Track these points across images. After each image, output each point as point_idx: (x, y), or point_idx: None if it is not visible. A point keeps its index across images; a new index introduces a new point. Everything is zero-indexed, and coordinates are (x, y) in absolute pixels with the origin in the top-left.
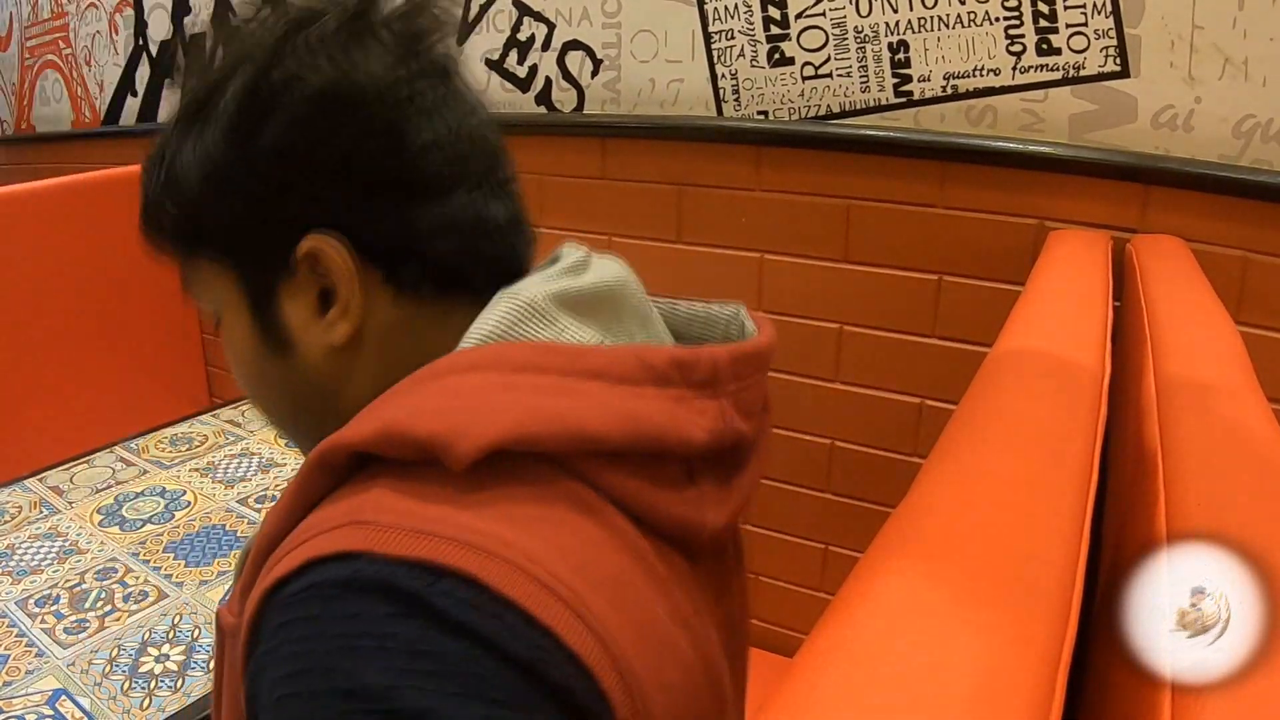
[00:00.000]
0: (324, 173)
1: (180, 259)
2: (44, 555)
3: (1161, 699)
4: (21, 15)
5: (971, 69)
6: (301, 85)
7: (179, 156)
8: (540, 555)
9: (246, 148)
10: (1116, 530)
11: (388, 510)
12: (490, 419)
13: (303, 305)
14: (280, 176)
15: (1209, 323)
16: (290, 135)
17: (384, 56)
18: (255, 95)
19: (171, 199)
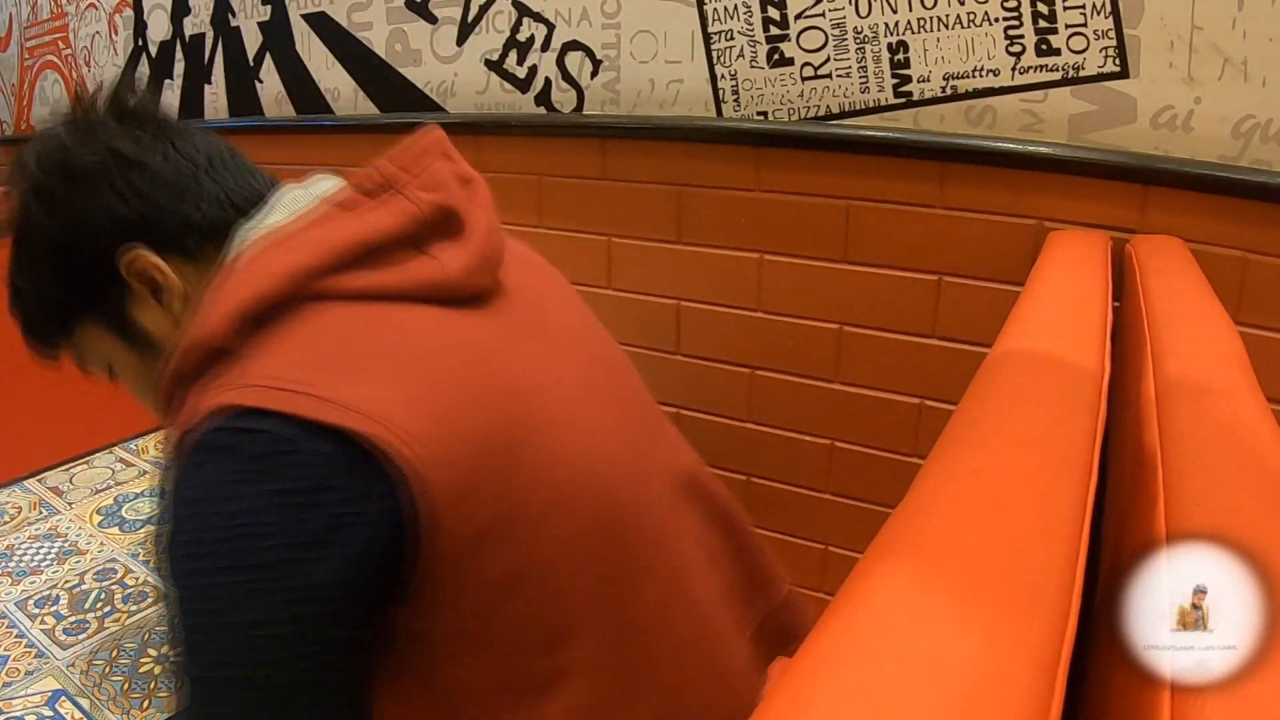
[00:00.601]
0: (105, 224)
1: (70, 347)
2: (44, 556)
3: (1161, 699)
4: (21, 16)
5: (971, 69)
6: (76, 157)
7: (19, 283)
8: (279, 371)
9: (43, 246)
10: (1116, 530)
11: (188, 404)
12: (224, 305)
13: (149, 306)
14: (76, 242)
15: (1208, 323)
16: (67, 216)
17: (111, 134)
18: (60, 176)
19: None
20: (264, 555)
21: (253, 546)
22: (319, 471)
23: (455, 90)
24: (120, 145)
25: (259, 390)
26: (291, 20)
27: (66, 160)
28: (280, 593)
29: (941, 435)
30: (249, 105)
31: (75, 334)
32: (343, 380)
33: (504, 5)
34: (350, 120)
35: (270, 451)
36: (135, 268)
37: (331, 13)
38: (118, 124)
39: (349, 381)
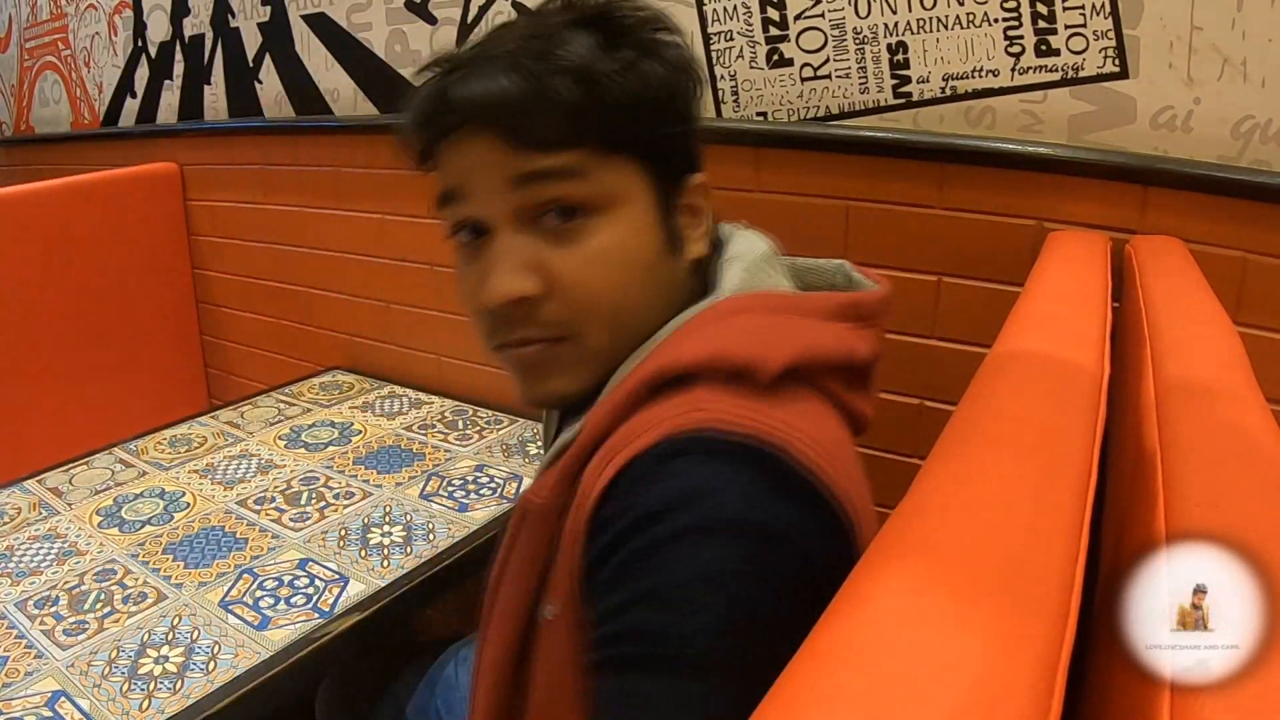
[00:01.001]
0: (699, 134)
1: (590, 147)
2: (43, 557)
3: (1161, 699)
4: (21, 16)
5: (970, 70)
6: (696, 72)
7: (645, 67)
8: (814, 436)
9: (685, 89)
10: (1116, 530)
11: (717, 404)
12: (781, 347)
13: (686, 216)
14: (696, 124)
15: (1208, 323)
16: (695, 100)
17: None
18: (691, 70)
19: (635, 93)
20: (767, 523)
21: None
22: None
23: None
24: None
25: (787, 435)
26: (291, 21)
27: (695, 65)
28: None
29: (941, 435)
30: (249, 106)
31: (621, 162)
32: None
33: (503, 6)
34: (350, 121)
35: (778, 468)
36: (698, 193)
37: (331, 13)
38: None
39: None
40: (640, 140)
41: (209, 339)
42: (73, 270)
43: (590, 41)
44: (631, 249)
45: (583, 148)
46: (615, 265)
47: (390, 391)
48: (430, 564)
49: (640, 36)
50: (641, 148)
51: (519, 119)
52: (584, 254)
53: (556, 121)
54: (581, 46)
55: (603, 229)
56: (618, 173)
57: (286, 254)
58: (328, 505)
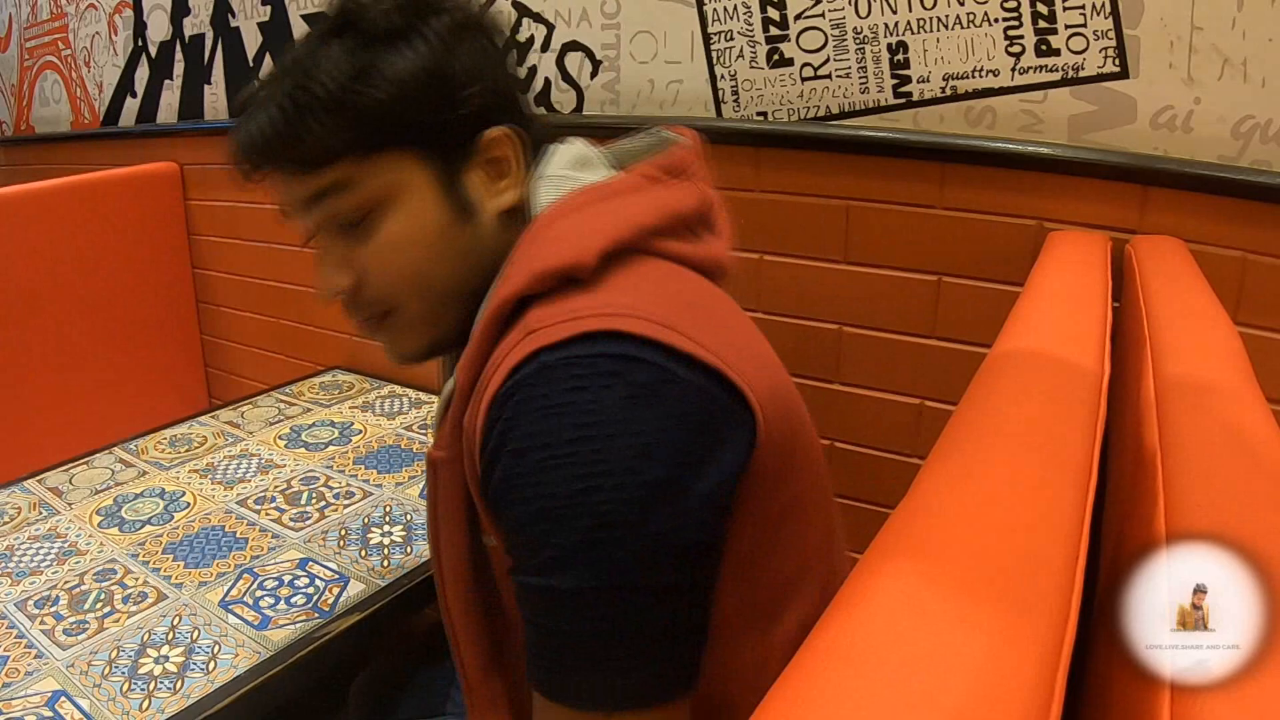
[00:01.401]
0: (499, 82)
1: (350, 158)
2: (43, 556)
3: (1161, 699)
4: (21, 16)
5: (971, 70)
6: (484, 23)
7: (386, 65)
8: (648, 308)
9: (453, 65)
10: (1116, 530)
11: (546, 319)
12: (592, 236)
13: (480, 178)
14: (480, 84)
15: (1208, 323)
16: (482, 57)
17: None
18: (461, 29)
19: (376, 98)
20: (658, 472)
21: (649, 464)
22: (697, 401)
23: None
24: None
25: (636, 320)
26: (291, 21)
27: (481, 18)
28: (668, 505)
29: (941, 435)
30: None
31: (382, 158)
32: (698, 326)
33: (503, 5)
34: None
35: (655, 380)
36: (495, 146)
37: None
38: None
39: (702, 328)
40: (398, 134)
41: (209, 339)
42: (73, 270)
43: (338, 54)
44: (416, 230)
45: (342, 160)
46: (404, 247)
47: (390, 391)
48: (430, 564)
49: (389, 27)
50: (402, 140)
51: (280, 154)
52: (376, 245)
53: (310, 147)
54: (328, 64)
55: (387, 220)
56: (385, 170)
57: (286, 254)
58: (328, 505)
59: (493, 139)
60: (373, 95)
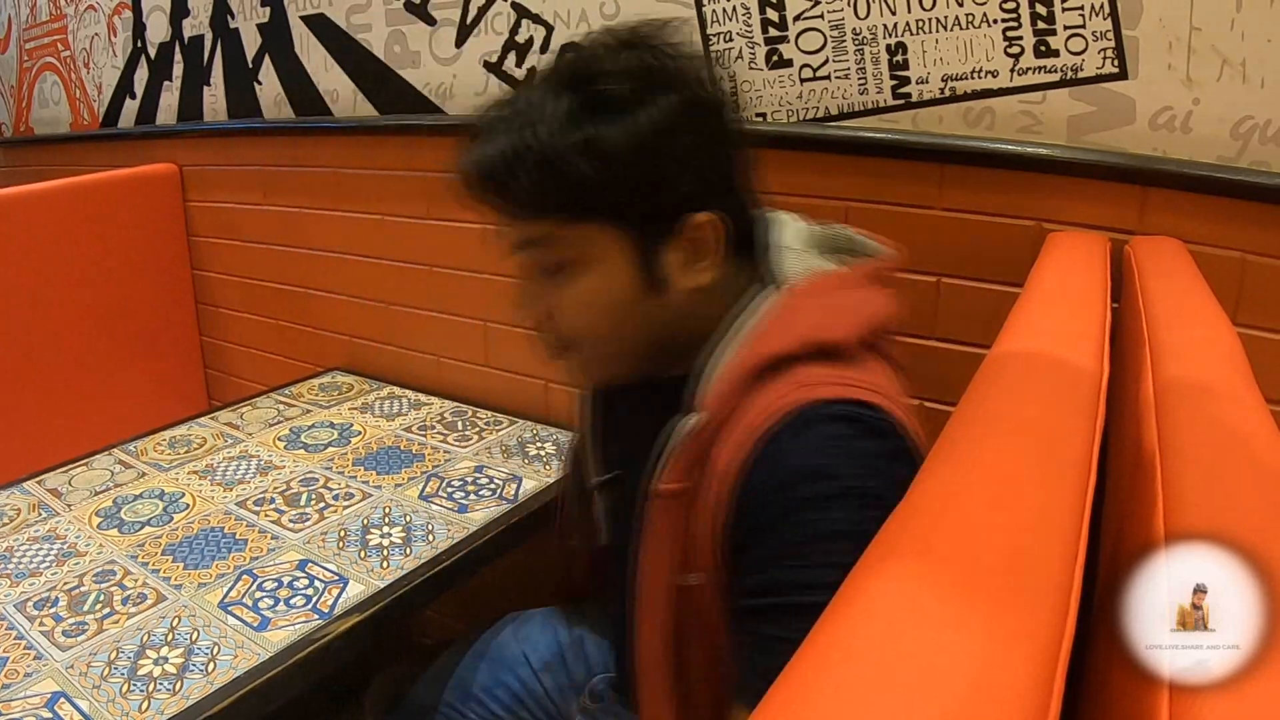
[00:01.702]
0: (715, 168)
1: (567, 222)
2: (42, 558)
3: (1160, 699)
4: (20, 17)
5: (969, 71)
6: (714, 105)
7: (604, 138)
8: (891, 391)
9: (670, 147)
10: (1115, 531)
11: (820, 378)
12: (851, 323)
13: (676, 257)
14: (694, 169)
15: (1207, 324)
16: (703, 140)
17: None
18: (690, 110)
19: (586, 172)
20: (881, 491)
21: (876, 487)
22: (902, 444)
23: (454, 92)
24: (736, 124)
25: (885, 399)
26: (290, 22)
27: (712, 100)
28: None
29: (941, 435)
30: (248, 107)
31: (586, 226)
32: (906, 409)
33: (503, 7)
34: (349, 122)
35: (898, 448)
36: (699, 229)
37: (330, 14)
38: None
39: (907, 410)
40: (602, 208)
41: (208, 340)
42: (72, 271)
43: (565, 112)
44: (604, 296)
45: (547, 218)
46: (591, 306)
47: (389, 392)
48: (430, 565)
49: (618, 98)
50: (605, 214)
51: (495, 194)
52: (566, 298)
53: (518, 199)
54: (554, 122)
55: (579, 280)
56: (584, 237)
57: (286, 255)
58: (327, 506)
59: (698, 223)
60: (583, 169)
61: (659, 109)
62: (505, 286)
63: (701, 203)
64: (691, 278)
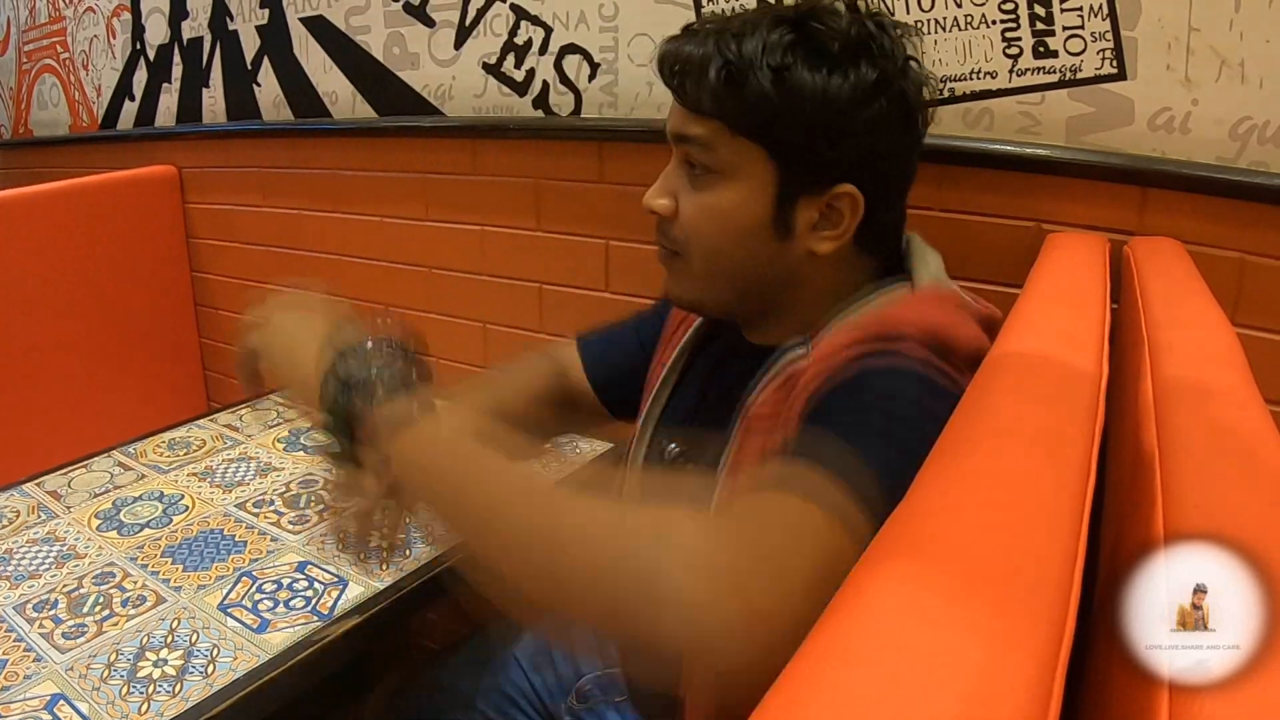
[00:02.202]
0: (881, 154)
1: (732, 132)
2: (42, 560)
3: (1160, 699)
4: (19, 19)
5: (968, 72)
6: (907, 95)
7: (800, 75)
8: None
9: (853, 114)
10: (1114, 531)
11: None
12: (972, 339)
13: (810, 215)
14: (862, 144)
15: (1206, 324)
16: (884, 122)
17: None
18: (883, 88)
19: (767, 91)
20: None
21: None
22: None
23: (453, 93)
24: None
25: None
26: (289, 24)
27: (906, 90)
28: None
29: (941, 435)
30: (247, 109)
31: (754, 148)
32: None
33: (502, 8)
34: (348, 124)
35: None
36: (841, 200)
37: (329, 16)
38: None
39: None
40: (766, 135)
41: (207, 342)
42: (71, 273)
43: (775, 40)
44: (736, 213)
45: (714, 121)
46: (719, 219)
47: None
48: (430, 566)
49: (828, 49)
50: (763, 139)
51: (684, 83)
52: (700, 201)
53: (704, 96)
54: (759, 42)
55: (719, 189)
56: (741, 153)
57: (285, 257)
58: (327, 508)
59: (843, 192)
60: (767, 90)
61: (858, 77)
62: (503, 289)
63: (854, 178)
64: (814, 241)
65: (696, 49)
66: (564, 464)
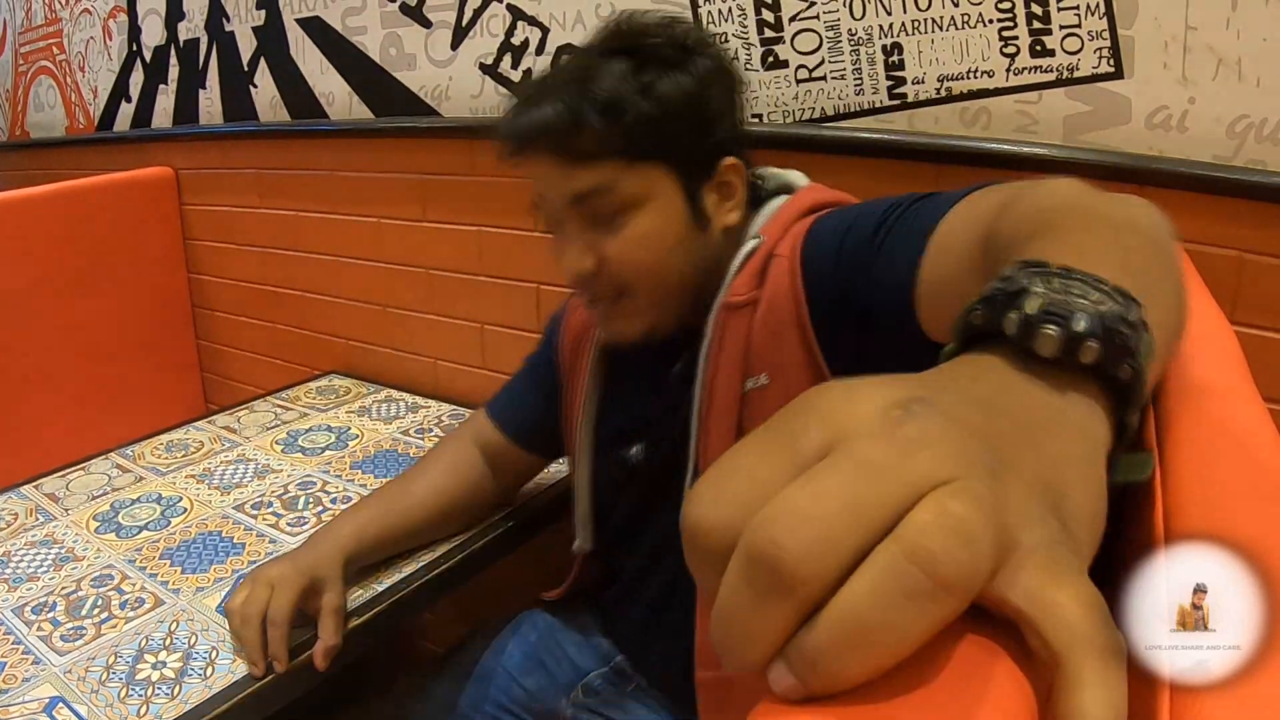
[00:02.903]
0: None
1: (628, 163)
2: (40, 562)
3: (1161, 699)
4: (15, 21)
5: (965, 71)
6: (733, 71)
7: (660, 87)
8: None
9: (709, 100)
10: (1114, 531)
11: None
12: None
13: (712, 198)
14: (725, 120)
15: (1204, 323)
16: (729, 97)
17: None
18: (718, 72)
19: (648, 112)
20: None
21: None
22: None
23: (450, 94)
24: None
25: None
26: (286, 25)
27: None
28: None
29: None
30: (243, 110)
31: (647, 167)
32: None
33: (498, 9)
34: (345, 125)
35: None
36: (729, 173)
37: (326, 17)
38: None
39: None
40: (661, 149)
41: (205, 344)
42: (68, 275)
43: (620, 69)
44: (662, 229)
45: (612, 161)
46: (649, 243)
47: (387, 395)
48: (429, 568)
49: (665, 57)
50: (663, 154)
51: (557, 143)
52: (624, 239)
53: (587, 143)
54: (610, 77)
55: (637, 219)
56: (644, 177)
57: (282, 258)
58: (325, 510)
59: (728, 166)
60: (646, 109)
61: (700, 67)
62: (501, 289)
63: (728, 149)
64: (723, 216)
65: (556, 107)
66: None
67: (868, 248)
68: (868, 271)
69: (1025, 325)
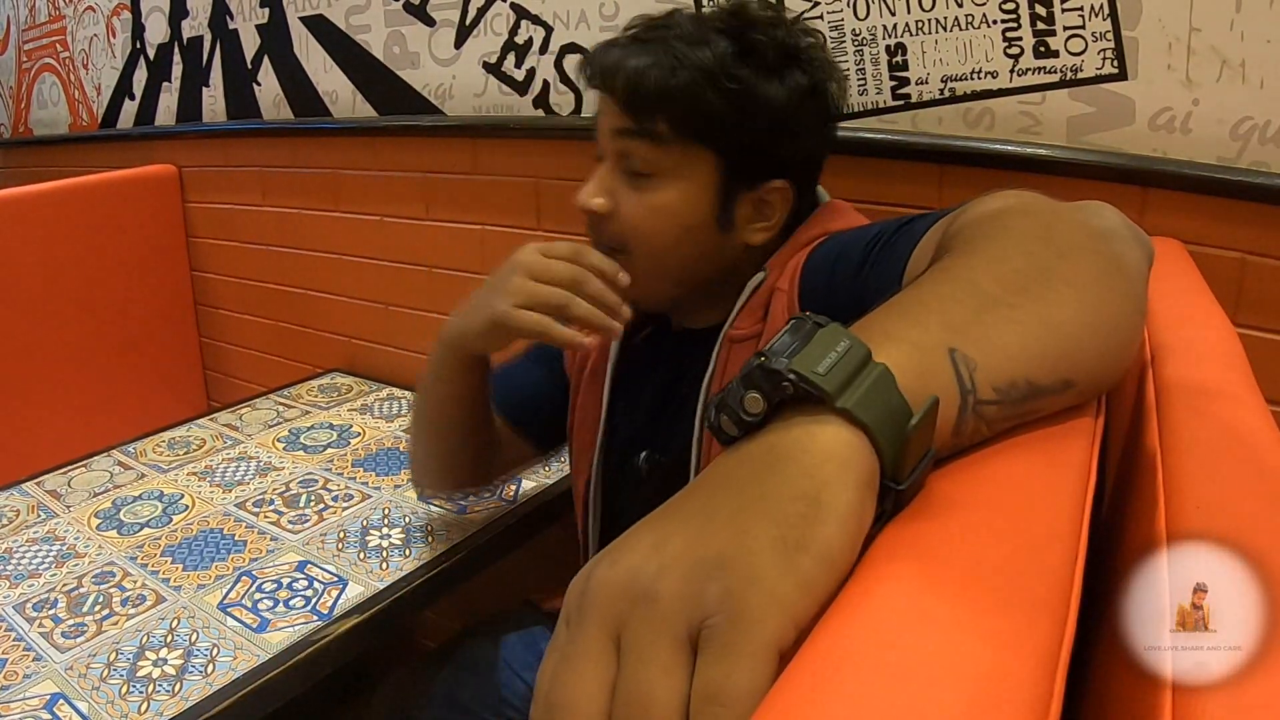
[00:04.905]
0: (810, 150)
1: (681, 135)
2: (41, 559)
3: (1162, 699)
4: (19, 18)
5: (969, 72)
6: (830, 96)
7: (757, 86)
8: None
9: (788, 119)
10: (1115, 532)
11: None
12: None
13: (746, 210)
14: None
15: (1207, 325)
16: (812, 121)
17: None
18: (813, 94)
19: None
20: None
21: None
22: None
23: (453, 93)
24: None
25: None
26: (290, 23)
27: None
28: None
29: None
30: (247, 108)
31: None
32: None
33: (502, 8)
34: (348, 123)
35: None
36: (773, 194)
37: (330, 15)
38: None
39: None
40: (717, 141)
41: (207, 341)
42: (71, 273)
43: (722, 51)
44: (682, 210)
45: (668, 128)
46: (665, 216)
47: (389, 393)
48: (429, 566)
49: (768, 59)
50: (717, 146)
51: (634, 91)
52: (644, 201)
53: (656, 103)
54: (711, 51)
55: (662, 189)
56: (688, 155)
57: (285, 256)
58: (326, 507)
59: (775, 187)
60: (724, 103)
61: (794, 83)
62: None
63: (787, 173)
64: (750, 233)
65: (648, 58)
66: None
67: (855, 280)
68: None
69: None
